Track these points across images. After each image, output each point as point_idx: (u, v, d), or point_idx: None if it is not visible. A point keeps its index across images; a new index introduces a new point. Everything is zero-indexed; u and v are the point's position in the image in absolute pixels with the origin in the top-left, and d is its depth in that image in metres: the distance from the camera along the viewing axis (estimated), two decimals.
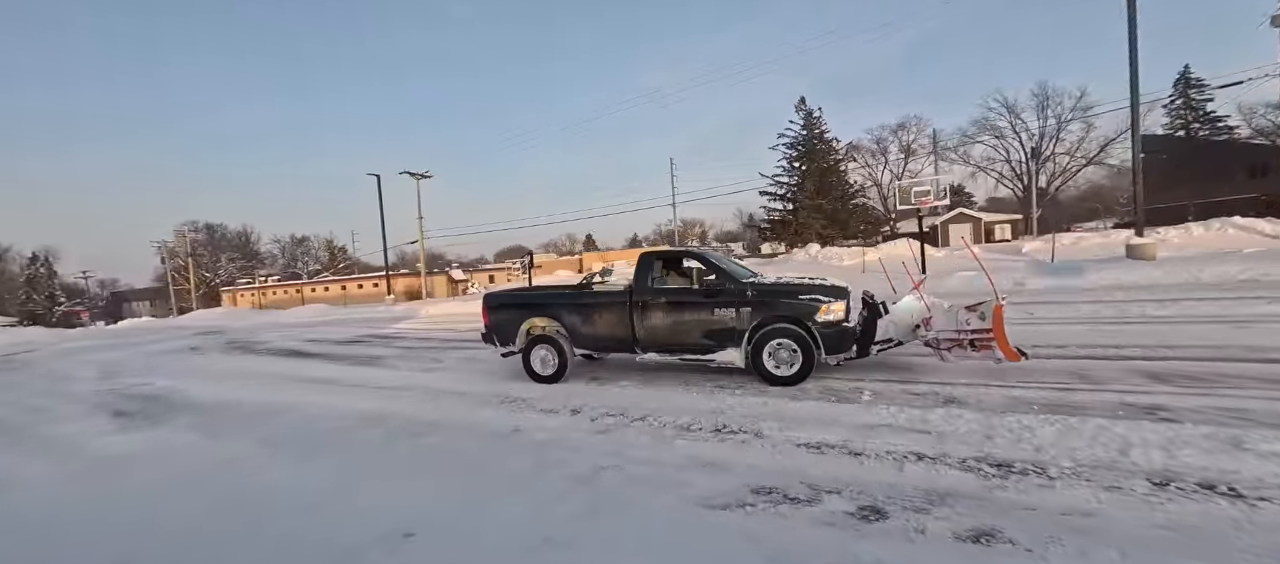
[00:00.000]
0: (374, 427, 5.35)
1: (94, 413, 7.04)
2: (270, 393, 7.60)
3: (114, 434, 5.86)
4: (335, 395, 7.05)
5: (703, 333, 5.88)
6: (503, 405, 5.75)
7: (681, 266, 6.28)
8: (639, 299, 6.15)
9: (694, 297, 5.94)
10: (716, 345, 5.81)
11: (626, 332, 6.20)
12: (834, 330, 5.37)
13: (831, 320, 5.37)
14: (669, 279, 6.32)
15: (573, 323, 6.49)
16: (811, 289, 5.56)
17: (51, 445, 5.67)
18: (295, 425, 5.76)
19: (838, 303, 5.42)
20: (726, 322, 5.73)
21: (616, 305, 6.27)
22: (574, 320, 6.49)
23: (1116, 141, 41.60)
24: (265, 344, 14.75)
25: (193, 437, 5.62)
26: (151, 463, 4.85)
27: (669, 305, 6.06)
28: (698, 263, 6.10)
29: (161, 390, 8.35)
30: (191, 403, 7.21)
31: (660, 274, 6.34)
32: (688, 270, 6.08)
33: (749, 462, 3.67)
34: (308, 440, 5.20)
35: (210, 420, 6.19)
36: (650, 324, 6.10)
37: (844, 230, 44.26)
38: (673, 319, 6.03)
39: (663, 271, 6.38)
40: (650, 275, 6.27)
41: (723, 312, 5.75)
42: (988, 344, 4.92)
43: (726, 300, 5.75)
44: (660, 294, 6.12)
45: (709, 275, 5.98)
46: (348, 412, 6.05)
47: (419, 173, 30.78)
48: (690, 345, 5.96)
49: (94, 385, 9.43)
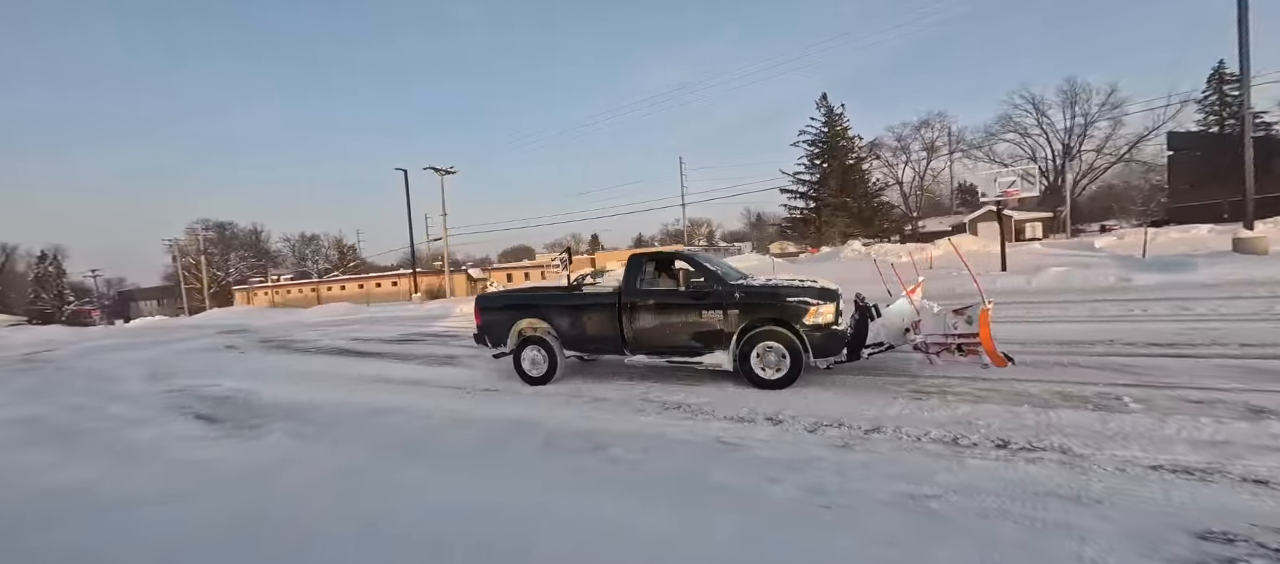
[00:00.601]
0: (525, 435, 4.59)
1: (170, 417, 6.28)
2: (348, 394, 6.86)
3: (216, 441, 5.10)
4: (437, 398, 6.31)
5: (691, 335, 5.84)
6: (665, 411, 4.99)
7: (671, 268, 6.17)
8: (628, 301, 6.13)
9: (682, 299, 5.88)
10: (705, 347, 5.78)
11: (615, 333, 6.18)
12: (823, 333, 5.29)
13: (820, 323, 5.29)
14: (658, 281, 6.29)
15: (562, 324, 6.49)
16: (799, 291, 5.46)
17: (142, 452, 4.92)
18: (412, 431, 5.02)
19: (826, 305, 5.33)
20: (714, 324, 5.69)
21: (606, 307, 6.26)
22: (564, 322, 6.49)
23: (1150, 138, 40.73)
24: (307, 343, 13.98)
25: (294, 444, 4.89)
26: (283, 471, 4.10)
27: (657, 307, 6.02)
28: (686, 264, 6.00)
29: (231, 392, 7.58)
30: (274, 406, 6.46)
31: (649, 276, 6.32)
32: (676, 272, 5.99)
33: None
34: (442, 449, 4.47)
35: (307, 426, 5.45)
36: (639, 326, 6.07)
37: (867, 228, 43.53)
38: (661, 321, 6.00)
39: (652, 273, 6.34)
40: (639, 277, 6.25)
41: (710, 314, 5.71)
42: (975, 349, 4.87)
43: (714, 302, 5.70)
44: (649, 296, 6.10)
45: (697, 277, 5.91)
46: (475, 417, 5.29)
47: (443, 168, 30.06)
48: (679, 347, 5.92)
49: (149, 386, 8.67)
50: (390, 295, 39.69)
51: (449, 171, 30.37)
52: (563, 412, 5.25)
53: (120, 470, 4.52)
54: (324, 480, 3.95)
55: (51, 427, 6.19)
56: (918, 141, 51.89)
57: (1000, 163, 48.80)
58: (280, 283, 51.34)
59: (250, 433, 5.27)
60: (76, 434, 5.73)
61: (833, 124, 45.34)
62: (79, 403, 7.58)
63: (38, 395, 8.76)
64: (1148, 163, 41.96)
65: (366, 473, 3.99)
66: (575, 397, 5.79)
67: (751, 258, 27.29)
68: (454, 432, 4.91)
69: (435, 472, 3.94)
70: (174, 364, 11.46)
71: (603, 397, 5.70)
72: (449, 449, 4.45)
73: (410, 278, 42.46)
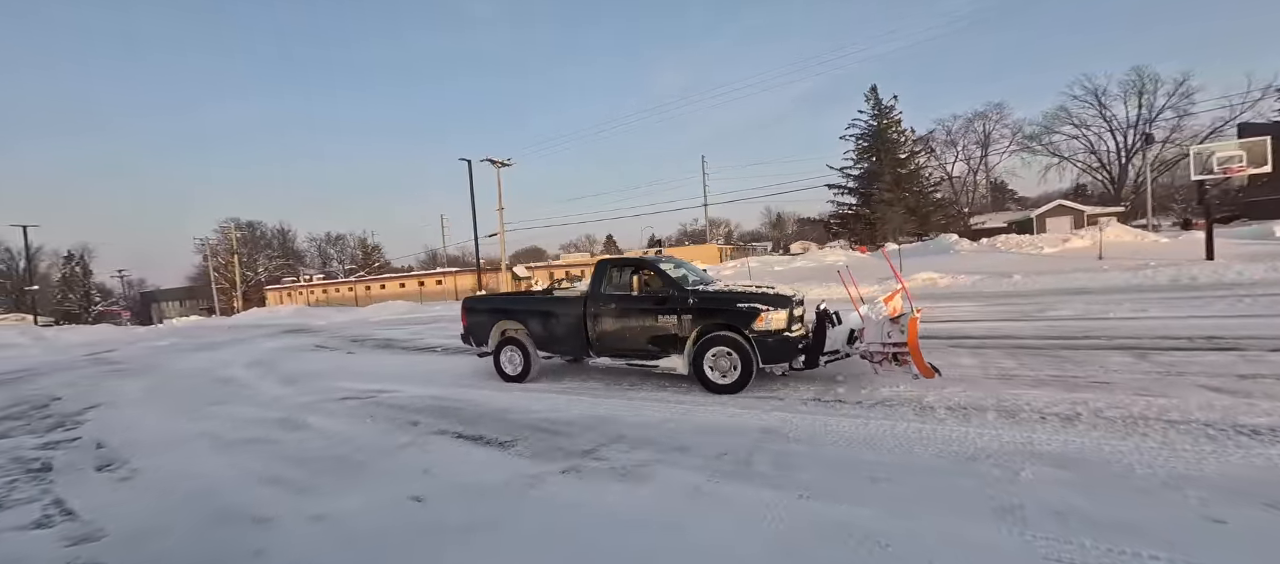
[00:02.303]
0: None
1: (421, 436, 4.89)
2: (559, 401, 5.52)
3: (553, 476, 3.68)
4: (643, 404, 4.93)
5: (648, 339, 5.92)
6: (875, 409, 3.55)
7: (635, 274, 6.31)
8: (592, 307, 6.27)
9: (641, 303, 6.01)
10: (661, 352, 5.84)
11: (581, 336, 6.34)
12: (774, 340, 5.25)
13: (770, 330, 5.26)
14: (621, 286, 6.33)
15: (535, 326, 6.74)
16: (750, 298, 5.50)
17: (492, 489, 3.52)
18: (741, 450, 3.59)
19: (777, 312, 5.30)
20: (669, 328, 5.76)
21: (573, 311, 6.42)
22: (536, 324, 6.73)
23: (1224, 130, 38.81)
24: (406, 342, 12.67)
25: (677, 480, 3.45)
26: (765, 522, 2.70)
27: (619, 312, 6.14)
28: (647, 271, 6.22)
29: (417, 399, 6.21)
30: (501, 417, 5.07)
31: (614, 281, 6.39)
32: (640, 278, 6.21)
33: None
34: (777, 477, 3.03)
35: (598, 445, 4.03)
36: (601, 329, 6.22)
37: (924, 224, 41.82)
38: (621, 325, 6.12)
39: (617, 278, 6.40)
40: (604, 282, 6.37)
41: (666, 318, 5.78)
42: (907, 358, 4.73)
43: (671, 308, 5.76)
44: (611, 301, 6.22)
45: (656, 283, 6.07)
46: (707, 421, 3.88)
47: (500, 160, 28.78)
48: (637, 351, 6.01)
49: (300, 392, 7.34)
50: (436, 294, 38.44)
51: (505, 163, 29.10)
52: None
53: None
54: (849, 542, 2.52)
55: (300, 452, 4.68)
56: (970, 135, 50.00)
57: (1060, 156, 46.99)
58: (316, 282, 50.14)
59: (567, 462, 3.85)
60: (350, 464, 4.21)
61: (882, 116, 43.70)
62: (257, 416, 6.22)
63: (192, 407, 7.44)
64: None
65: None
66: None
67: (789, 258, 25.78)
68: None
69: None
70: (285, 366, 10.16)
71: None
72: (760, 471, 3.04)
73: (452, 277, 41.34)
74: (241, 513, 3.40)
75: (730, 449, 3.82)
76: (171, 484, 4.02)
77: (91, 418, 6.82)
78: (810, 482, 3.18)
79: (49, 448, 5.45)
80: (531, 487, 3.47)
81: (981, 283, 13.14)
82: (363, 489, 3.64)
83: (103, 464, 4.67)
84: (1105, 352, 5.93)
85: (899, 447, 3.62)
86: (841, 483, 3.13)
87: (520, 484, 3.52)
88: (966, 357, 6.23)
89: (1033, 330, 7.52)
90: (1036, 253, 16.15)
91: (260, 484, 3.89)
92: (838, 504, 2.85)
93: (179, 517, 3.43)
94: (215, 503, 3.59)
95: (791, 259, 25.11)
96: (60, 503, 3.80)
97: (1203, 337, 6.20)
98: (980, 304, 10.72)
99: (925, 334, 7.98)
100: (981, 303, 10.83)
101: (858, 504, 2.83)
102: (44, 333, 20.94)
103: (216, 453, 4.80)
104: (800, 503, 2.92)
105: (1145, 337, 6.49)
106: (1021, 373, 5.35)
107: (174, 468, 4.43)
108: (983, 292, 12.28)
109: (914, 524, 2.59)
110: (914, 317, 4.61)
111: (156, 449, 5.04)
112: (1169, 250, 15.04)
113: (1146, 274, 11.59)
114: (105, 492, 3.98)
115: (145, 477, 4.24)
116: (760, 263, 24.12)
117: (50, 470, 4.63)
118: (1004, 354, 6.23)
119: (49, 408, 7.78)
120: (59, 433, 6.14)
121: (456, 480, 3.67)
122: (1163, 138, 41.68)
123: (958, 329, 8.16)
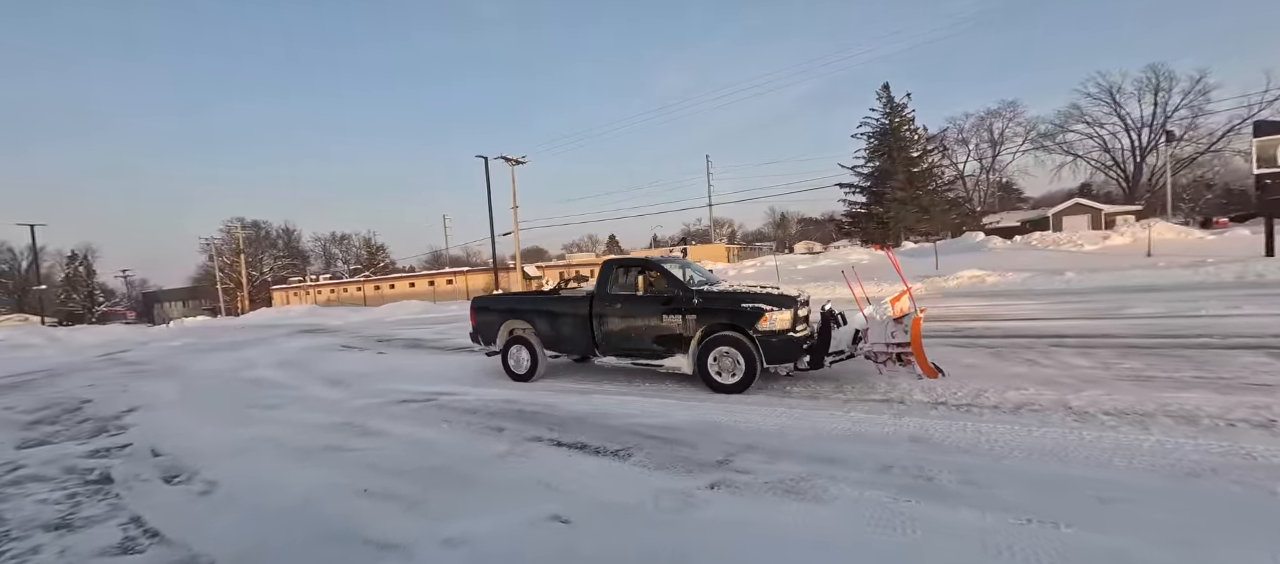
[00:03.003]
0: None
1: (517, 442, 4.47)
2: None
3: (699, 493, 3.25)
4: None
5: (654, 339, 5.93)
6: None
7: (641, 274, 6.35)
8: (598, 307, 6.29)
9: (647, 303, 6.03)
10: (666, 351, 5.85)
11: (587, 336, 6.37)
12: (778, 340, 5.25)
13: (775, 330, 5.25)
14: (627, 286, 6.37)
15: (542, 326, 6.76)
16: (755, 298, 5.49)
17: (638, 510, 3.09)
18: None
19: (782, 313, 5.29)
20: (675, 328, 5.77)
21: (579, 311, 6.43)
22: (543, 324, 6.76)
23: (1241, 128, 38.46)
24: (434, 342, 12.22)
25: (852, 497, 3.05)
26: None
27: (624, 312, 6.15)
28: (653, 271, 6.25)
29: (487, 402, 5.78)
30: (588, 422, 4.65)
31: (619, 281, 6.42)
32: (645, 278, 6.28)
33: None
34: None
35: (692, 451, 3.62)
36: (607, 329, 6.23)
37: (937, 223, 41.44)
38: (627, 325, 6.13)
39: (622, 279, 6.43)
40: (609, 282, 6.39)
41: (671, 318, 5.79)
42: (911, 358, 4.71)
43: (676, 308, 5.77)
44: (617, 301, 6.24)
45: (661, 283, 6.11)
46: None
47: (515, 158, 28.32)
48: (643, 350, 6.03)
49: (355, 396, 6.91)
50: (448, 293, 37.93)
51: (520, 161, 28.65)
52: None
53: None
54: None
55: (388, 462, 4.25)
56: (982, 133, 49.61)
57: (1074, 155, 46.64)
58: (323, 282, 49.53)
59: (671, 478, 3.42)
60: (460, 476, 3.75)
61: (895, 114, 43.29)
62: (316, 420, 5.80)
63: (237, 411, 7.03)
64: (1246, 152, 39.58)
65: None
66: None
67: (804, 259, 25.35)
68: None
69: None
70: (319, 367, 9.73)
71: None
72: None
73: (463, 276, 40.88)
74: (354, 534, 2.97)
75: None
76: (260, 499, 3.59)
77: (134, 422, 6.39)
78: (795, 472, 2.75)
79: (99, 455, 5.03)
80: (687, 506, 3.05)
81: (1032, 280, 12.74)
82: (486, 507, 3.22)
83: (170, 475, 4.23)
84: (1233, 352, 5.53)
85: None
86: (808, 472, 2.71)
87: (672, 503, 3.09)
88: (1075, 356, 5.83)
89: (1129, 329, 7.11)
90: (1077, 250, 15.75)
91: (360, 498, 3.46)
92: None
93: (285, 538, 3.00)
94: (320, 522, 3.16)
95: (815, 258, 24.66)
96: (139, 521, 3.37)
97: None
98: (1043, 302, 10.31)
99: (1009, 332, 7.60)
100: (1044, 301, 10.43)
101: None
102: (56, 333, 20.49)
103: (291, 462, 4.36)
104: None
105: (1263, 335, 6.08)
106: (1154, 374, 4.95)
107: (252, 479, 4.00)
108: (1039, 289, 11.87)
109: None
110: (918, 317, 4.58)
111: (222, 457, 4.60)
112: (1219, 247, 14.66)
113: (1209, 271, 11.20)
114: (187, 507, 3.55)
115: (225, 490, 3.81)
116: (785, 261, 23.65)
117: (111, 482, 4.20)
118: (1115, 354, 5.82)
119: (82, 411, 7.35)
120: (103, 439, 5.71)
121: (594, 498, 3.24)
122: (1179, 136, 41.30)
123: (1042, 327, 7.75)
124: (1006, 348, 6.57)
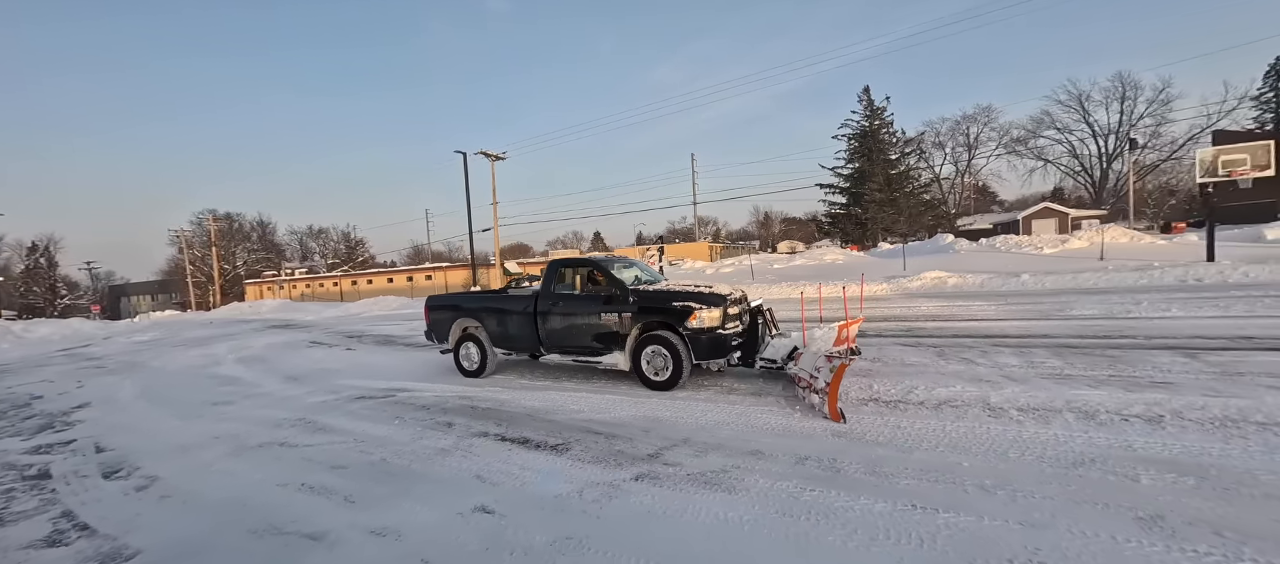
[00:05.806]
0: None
1: (463, 438, 4.56)
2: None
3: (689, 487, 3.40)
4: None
5: (593, 336, 6.09)
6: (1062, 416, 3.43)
7: (583, 273, 6.51)
8: (543, 305, 6.46)
9: (587, 302, 6.20)
10: (604, 349, 6.01)
11: (532, 333, 6.54)
12: (707, 337, 5.39)
13: (704, 327, 5.38)
14: (571, 286, 6.53)
15: (491, 324, 6.96)
16: (686, 296, 5.63)
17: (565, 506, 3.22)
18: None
19: (711, 310, 5.42)
20: (612, 326, 5.92)
21: (525, 309, 6.59)
22: (492, 322, 6.94)
23: (1201, 137, 40.03)
24: (406, 339, 12.16)
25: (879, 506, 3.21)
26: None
27: (566, 310, 6.32)
28: (595, 271, 6.39)
29: (445, 398, 5.86)
30: (537, 417, 4.78)
31: (564, 280, 6.59)
32: (588, 277, 6.42)
33: None
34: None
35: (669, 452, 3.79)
36: (550, 327, 6.40)
37: (913, 224, 42.36)
38: (568, 323, 6.29)
39: (566, 278, 6.59)
40: (554, 282, 6.56)
41: (609, 316, 5.94)
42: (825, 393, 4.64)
43: (614, 307, 5.92)
44: (560, 300, 6.41)
45: (603, 282, 6.24)
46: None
47: (494, 153, 28.15)
48: (583, 348, 6.20)
49: (312, 392, 6.92)
50: (427, 289, 37.54)
51: (499, 157, 28.48)
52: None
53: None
54: None
55: (333, 457, 4.37)
56: (958, 136, 50.74)
57: (1045, 160, 47.98)
58: (299, 277, 48.53)
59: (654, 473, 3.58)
60: (400, 471, 3.89)
61: (875, 117, 44.10)
62: (271, 416, 5.83)
63: (193, 407, 6.97)
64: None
65: None
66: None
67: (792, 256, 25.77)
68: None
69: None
70: (284, 363, 9.66)
71: None
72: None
73: (443, 272, 40.46)
74: (288, 526, 3.06)
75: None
76: (198, 493, 3.65)
77: (82, 418, 6.32)
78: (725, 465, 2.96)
79: (40, 452, 4.99)
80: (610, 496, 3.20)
81: (990, 282, 13.18)
82: (421, 500, 3.33)
83: (110, 471, 4.25)
84: (1151, 352, 5.87)
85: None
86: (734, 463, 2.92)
87: (595, 494, 3.24)
88: (1010, 356, 6.12)
89: (1066, 330, 7.46)
90: (1037, 253, 16.31)
91: (300, 493, 3.54)
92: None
93: (217, 531, 3.07)
94: (255, 515, 3.24)
95: (790, 258, 25.05)
96: (70, 515, 3.40)
97: (1241, 336, 6.19)
98: (996, 304, 10.71)
99: (958, 332, 7.91)
100: (997, 302, 10.82)
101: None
102: (14, 328, 19.82)
103: (237, 457, 4.41)
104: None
105: (1180, 336, 6.46)
106: (1073, 372, 5.25)
107: (194, 474, 4.04)
108: (995, 290, 12.30)
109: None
110: (844, 364, 4.45)
111: (167, 454, 4.62)
112: (1168, 252, 15.32)
113: (1153, 275, 11.73)
114: (122, 502, 3.59)
115: (164, 485, 3.85)
116: (761, 261, 23.97)
117: (49, 477, 4.20)
118: (1047, 353, 6.13)
119: (30, 407, 7.23)
120: (48, 435, 5.65)
121: (523, 491, 3.37)
122: (1142, 143, 42.85)
123: (988, 328, 8.08)
124: (950, 347, 6.86)
